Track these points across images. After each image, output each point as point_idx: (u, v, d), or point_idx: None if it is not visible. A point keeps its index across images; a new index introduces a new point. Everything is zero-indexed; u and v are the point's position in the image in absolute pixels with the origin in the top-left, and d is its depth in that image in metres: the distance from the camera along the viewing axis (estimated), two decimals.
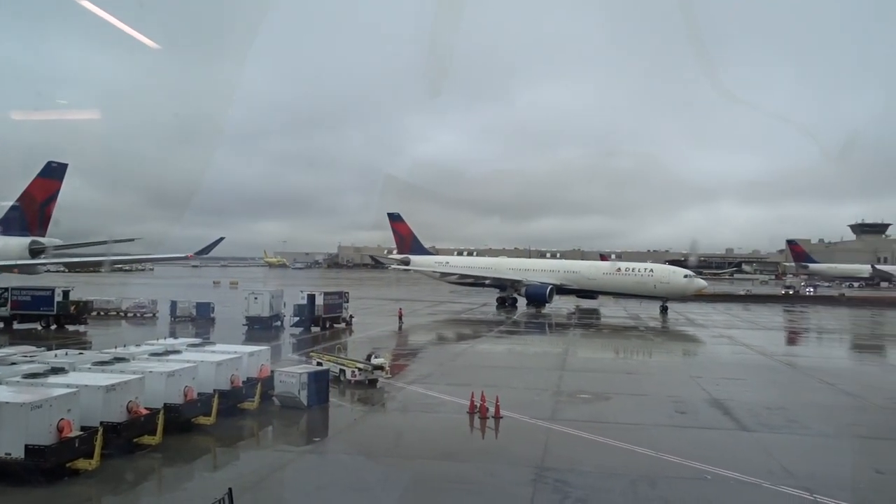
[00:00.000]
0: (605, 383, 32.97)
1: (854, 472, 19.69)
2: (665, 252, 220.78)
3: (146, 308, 61.46)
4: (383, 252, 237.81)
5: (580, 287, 75.27)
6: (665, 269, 71.98)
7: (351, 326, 54.57)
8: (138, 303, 62.61)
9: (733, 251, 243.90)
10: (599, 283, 73.77)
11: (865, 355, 49.60)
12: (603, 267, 78.34)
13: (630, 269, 72.47)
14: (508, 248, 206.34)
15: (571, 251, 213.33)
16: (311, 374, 26.45)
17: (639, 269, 71.56)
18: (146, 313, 60.75)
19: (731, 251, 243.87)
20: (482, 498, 17.20)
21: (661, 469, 19.39)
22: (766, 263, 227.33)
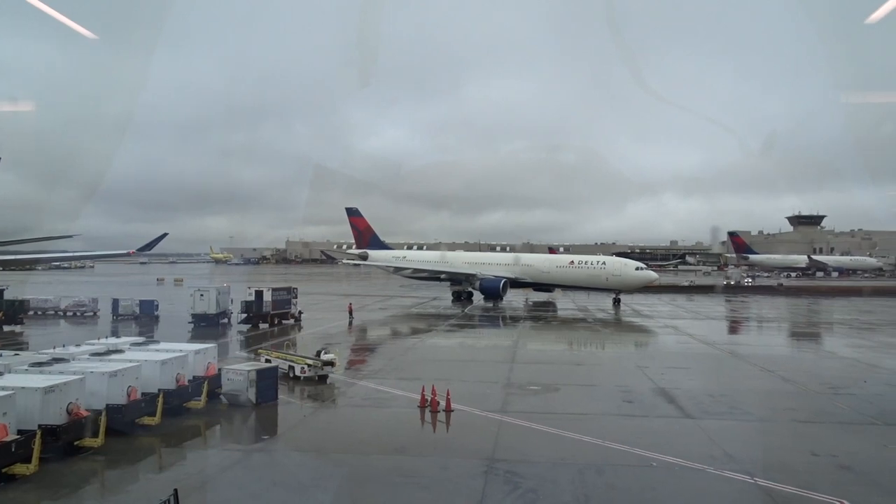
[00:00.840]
0: (554, 375, 33.40)
1: (792, 456, 20.44)
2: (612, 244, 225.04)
3: (86, 307, 59.71)
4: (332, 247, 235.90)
5: (535, 280, 75.99)
6: (617, 262, 72.91)
7: (300, 322, 54.04)
8: (78, 301, 60.79)
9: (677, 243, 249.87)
10: (553, 276, 74.49)
11: (802, 343, 51.43)
12: (557, 260, 79.13)
13: (583, 262, 73.26)
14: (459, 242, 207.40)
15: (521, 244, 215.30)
16: (260, 371, 26.14)
17: (591, 262, 72.48)
18: (86, 312, 59.02)
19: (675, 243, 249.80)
20: (434, 492, 17.26)
21: (608, 457, 19.79)
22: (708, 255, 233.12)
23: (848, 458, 20.09)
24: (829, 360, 41.03)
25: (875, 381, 32.39)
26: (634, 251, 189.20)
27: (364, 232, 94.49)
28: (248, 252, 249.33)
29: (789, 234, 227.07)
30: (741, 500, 16.83)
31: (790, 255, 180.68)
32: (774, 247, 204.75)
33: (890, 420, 24.69)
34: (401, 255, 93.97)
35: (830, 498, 16.53)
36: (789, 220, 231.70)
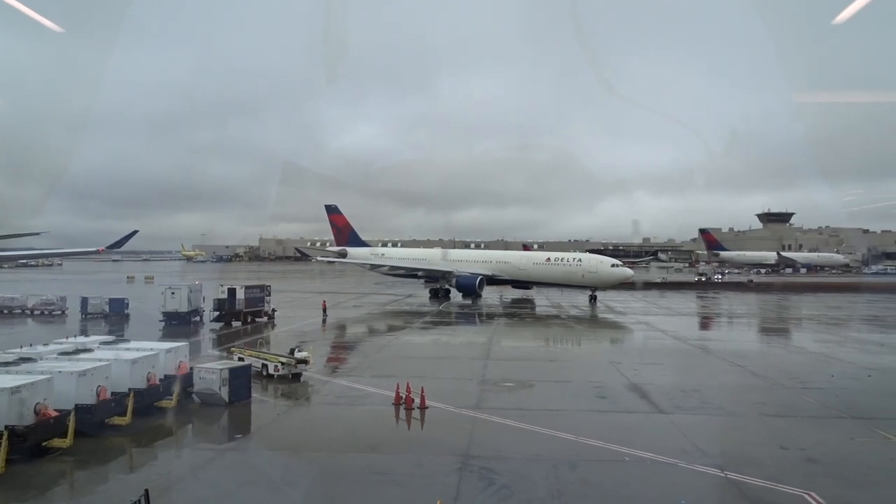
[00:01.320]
0: (528, 371, 33.54)
1: (761, 449, 20.75)
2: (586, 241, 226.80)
3: (54, 305, 58.63)
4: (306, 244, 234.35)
5: (512, 277, 76.16)
6: (593, 259, 73.35)
7: (273, 320, 53.63)
8: (45, 300, 59.66)
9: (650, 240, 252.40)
10: (530, 273, 74.69)
11: (772, 338, 52.26)
12: (533, 257, 79.18)
13: (559, 259, 73.43)
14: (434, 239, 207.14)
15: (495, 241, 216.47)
16: (232, 369, 25.91)
17: (568, 259, 72.66)
18: (54, 311, 57.98)
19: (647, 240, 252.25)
20: (408, 489, 17.24)
21: (582, 453, 19.95)
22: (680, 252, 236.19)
23: (815, 451, 20.47)
24: (797, 355, 41.74)
25: (842, 375, 33.00)
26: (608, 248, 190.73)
27: (343, 229, 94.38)
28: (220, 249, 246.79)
29: (759, 231, 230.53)
30: (712, 494, 17.06)
31: (760, 252, 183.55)
32: (744, 243, 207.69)
33: (856, 413, 25.18)
34: (379, 252, 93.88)
35: (798, 490, 16.83)
36: (759, 218, 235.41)
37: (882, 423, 23.72)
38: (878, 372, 34.09)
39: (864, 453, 20.47)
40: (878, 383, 31.43)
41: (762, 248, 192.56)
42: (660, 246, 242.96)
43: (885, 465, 19.42)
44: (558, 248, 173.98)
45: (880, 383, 31.48)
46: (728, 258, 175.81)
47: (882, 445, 21.24)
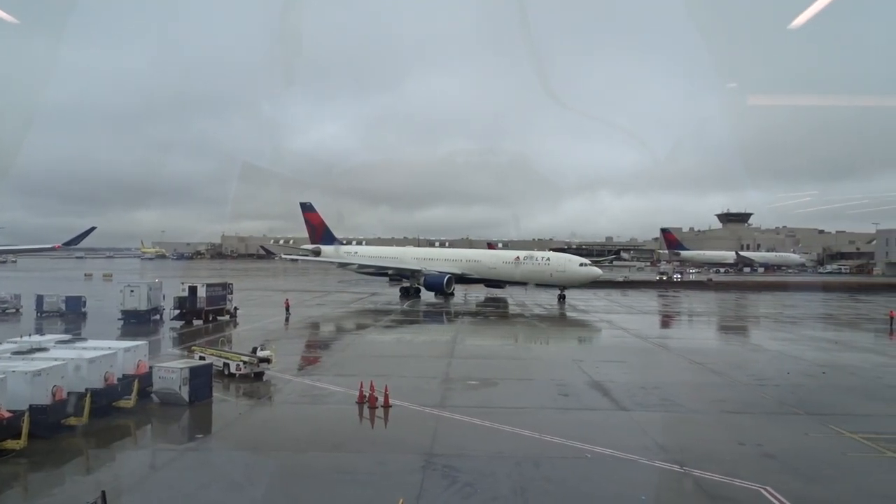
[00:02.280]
0: (492, 369, 33.69)
1: (719, 445, 21.17)
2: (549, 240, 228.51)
3: (8, 303, 57.04)
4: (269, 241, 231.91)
5: (481, 276, 76.03)
6: (561, 258, 73.40)
7: (236, 319, 53.01)
8: None
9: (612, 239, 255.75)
10: (499, 272, 74.58)
11: (730, 336, 53.26)
12: (503, 256, 78.95)
13: (528, 257, 73.35)
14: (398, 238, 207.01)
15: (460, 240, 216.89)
16: (193, 368, 25.54)
17: (537, 258, 72.63)
18: (8, 309, 56.41)
19: (610, 239, 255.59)
20: (372, 488, 17.18)
21: (544, 450, 20.10)
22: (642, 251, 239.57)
23: (772, 446, 20.92)
24: (755, 353, 42.62)
25: (797, 372, 33.81)
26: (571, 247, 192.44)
27: (318, 227, 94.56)
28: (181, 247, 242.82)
29: (718, 231, 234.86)
30: (671, 489, 17.32)
31: (719, 252, 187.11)
32: (705, 243, 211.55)
33: (811, 409, 25.81)
34: (352, 250, 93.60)
35: (755, 485, 17.19)
36: (719, 218, 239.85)
37: (835, 418, 24.35)
38: (831, 369, 34.98)
39: (819, 448, 21.01)
40: (831, 380, 32.25)
41: (721, 248, 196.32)
42: (622, 245, 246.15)
43: (837, 459, 19.94)
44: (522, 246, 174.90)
45: (834, 380, 32.30)
46: (688, 257, 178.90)
47: (835, 440, 21.80)
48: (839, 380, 32.48)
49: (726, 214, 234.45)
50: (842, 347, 44.26)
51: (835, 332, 53.13)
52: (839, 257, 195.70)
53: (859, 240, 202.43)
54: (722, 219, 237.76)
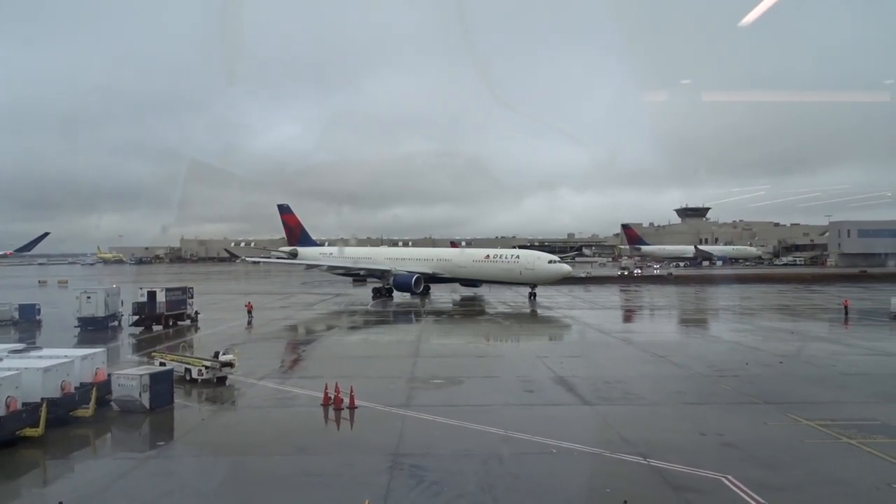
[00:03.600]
0: (457, 368, 33.77)
1: (681, 436, 21.54)
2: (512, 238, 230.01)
3: None
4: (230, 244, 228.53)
5: (452, 275, 75.42)
6: (530, 255, 72.74)
7: (197, 323, 52.21)
8: None
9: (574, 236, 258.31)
10: (470, 270, 73.99)
11: (690, 329, 54.20)
12: (473, 254, 78.30)
13: (498, 255, 72.99)
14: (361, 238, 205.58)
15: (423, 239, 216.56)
16: (153, 374, 25.09)
17: (506, 256, 72.16)
18: None
19: (572, 236, 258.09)
20: (338, 490, 17.09)
21: (510, 446, 20.22)
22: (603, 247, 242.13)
23: (732, 436, 21.36)
24: (714, 345, 43.44)
25: (755, 363, 34.52)
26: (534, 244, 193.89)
27: (294, 229, 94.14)
28: (139, 251, 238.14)
29: (678, 226, 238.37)
30: (634, 481, 17.55)
31: (679, 246, 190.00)
32: (664, 238, 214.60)
33: (769, 399, 26.40)
34: (328, 251, 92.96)
35: (716, 474, 17.54)
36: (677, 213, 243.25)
37: (792, 406, 24.96)
38: (788, 358, 35.82)
39: (777, 436, 21.50)
40: (788, 369, 33.03)
41: (681, 242, 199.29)
42: (584, 241, 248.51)
43: (795, 446, 20.43)
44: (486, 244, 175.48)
45: (790, 369, 33.09)
46: (649, 252, 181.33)
47: (793, 428, 22.34)
48: (796, 369, 33.28)
49: (685, 209, 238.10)
50: (798, 337, 45.34)
51: (791, 323, 54.40)
52: (794, 249, 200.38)
53: (813, 232, 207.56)
54: (681, 214, 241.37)
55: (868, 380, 30.66)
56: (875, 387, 29.21)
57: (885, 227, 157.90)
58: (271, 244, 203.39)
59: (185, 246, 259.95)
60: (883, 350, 39.72)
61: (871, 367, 34.04)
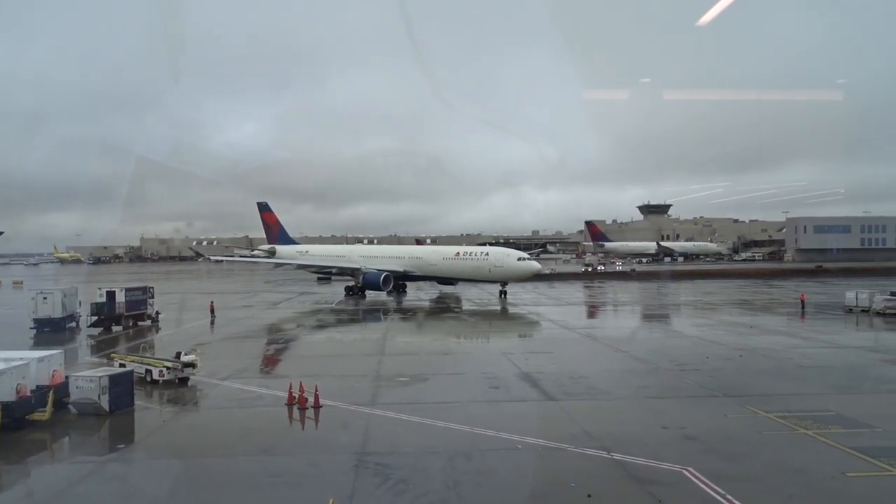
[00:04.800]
0: (423, 365, 33.79)
1: (644, 430, 21.82)
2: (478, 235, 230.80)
3: None
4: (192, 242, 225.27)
5: (424, 273, 74.76)
6: (499, 253, 71.54)
7: (158, 324, 51.34)
8: None
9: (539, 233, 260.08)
10: (441, 268, 73.33)
11: (653, 324, 54.99)
12: (444, 252, 77.24)
13: (468, 253, 72.40)
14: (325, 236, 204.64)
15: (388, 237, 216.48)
16: (113, 376, 24.59)
17: (476, 254, 71.40)
18: None
19: (536, 233, 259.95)
20: (303, 489, 16.96)
21: (476, 443, 20.29)
22: (567, 243, 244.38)
23: (693, 429, 21.73)
24: (676, 339, 44.13)
25: (716, 356, 35.18)
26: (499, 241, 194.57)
27: (273, 227, 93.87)
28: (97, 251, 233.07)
29: (640, 223, 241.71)
30: (598, 475, 17.74)
31: (641, 242, 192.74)
32: (627, 234, 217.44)
33: (729, 392, 26.92)
34: (303, 249, 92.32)
35: (678, 466, 17.83)
36: (640, 210, 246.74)
37: (751, 399, 25.48)
38: (747, 352, 36.56)
39: (736, 428, 21.93)
40: (747, 363, 33.72)
41: (643, 239, 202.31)
42: (548, 238, 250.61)
43: (753, 437, 20.86)
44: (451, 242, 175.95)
45: (749, 362, 33.78)
46: (612, 249, 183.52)
47: (751, 420, 22.81)
48: (755, 362, 33.98)
49: (647, 206, 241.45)
50: (757, 331, 46.27)
51: (750, 317, 55.54)
52: (753, 245, 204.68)
53: (771, 228, 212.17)
54: (643, 210, 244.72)
55: (823, 372, 31.48)
56: (830, 379, 30.02)
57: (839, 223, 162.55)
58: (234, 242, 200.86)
59: (146, 245, 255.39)
60: (837, 343, 40.78)
61: (827, 359, 34.91)
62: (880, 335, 44.93)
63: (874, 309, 54.17)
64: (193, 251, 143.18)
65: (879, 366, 33.05)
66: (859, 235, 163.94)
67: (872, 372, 31.64)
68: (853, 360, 34.48)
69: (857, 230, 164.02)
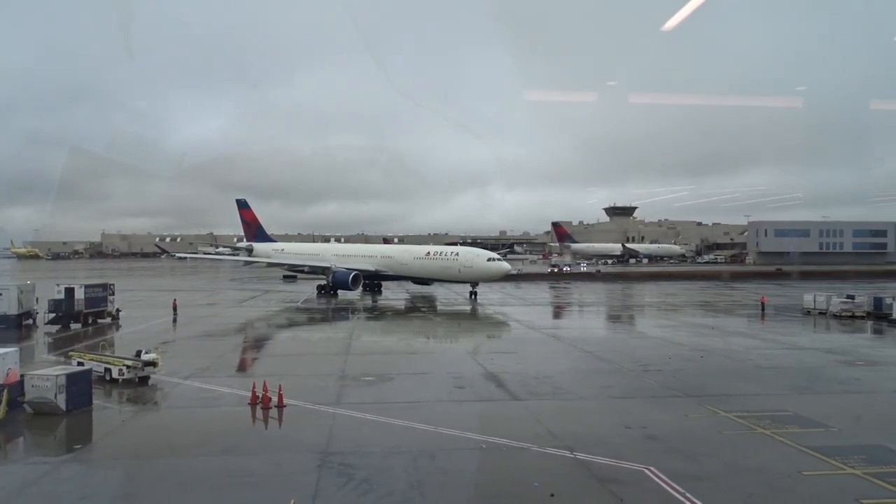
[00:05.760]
0: (388, 365, 33.69)
1: (607, 430, 22.06)
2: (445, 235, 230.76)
3: None
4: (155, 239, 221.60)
5: (395, 272, 74.10)
6: (469, 253, 70.78)
7: (118, 321, 50.35)
8: None
9: (506, 233, 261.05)
10: (411, 268, 72.75)
11: (617, 324, 55.63)
12: (415, 251, 76.81)
13: (438, 253, 71.66)
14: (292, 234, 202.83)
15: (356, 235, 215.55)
16: (70, 375, 24.02)
17: (446, 254, 70.47)
18: None
19: (504, 233, 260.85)
20: (266, 490, 16.77)
21: (440, 443, 20.30)
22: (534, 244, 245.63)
23: (655, 428, 22.00)
24: (639, 340, 44.68)
25: (678, 357, 35.69)
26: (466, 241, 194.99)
27: (251, 224, 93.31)
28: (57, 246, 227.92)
29: (606, 224, 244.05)
30: (561, 474, 17.87)
31: (607, 244, 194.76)
32: (593, 236, 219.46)
33: (690, 392, 27.34)
34: (279, 247, 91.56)
35: (639, 466, 18.05)
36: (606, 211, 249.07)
37: (712, 399, 25.91)
38: (708, 353, 37.19)
39: (697, 428, 22.28)
40: (708, 363, 34.29)
41: (609, 240, 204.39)
42: (516, 239, 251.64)
43: (713, 437, 21.22)
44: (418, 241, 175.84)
45: (710, 363, 34.35)
46: (578, 250, 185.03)
47: (711, 419, 23.19)
48: (715, 363, 34.56)
49: (613, 208, 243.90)
50: (718, 332, 47.09)
51: (712, 319, 56.48)
52: (715, 248, 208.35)
53: (733, 231, 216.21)
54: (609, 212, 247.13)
55: (781, 373, 32.14)
56: (788, 379, 30.67)
57: (799, 227, 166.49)
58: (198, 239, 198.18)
59: (107, 241, 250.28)
60: (795, 344, 41.69)
61: (785, 360, 35.66)
62: (836, 337, 46.02)
63: (831, 311, 55.56)
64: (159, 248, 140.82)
65: (835, 367, 33.84)
66: (818, 239, 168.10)
67: (828, 373, 32.39)
68: (810, 361, 35.28)
69: (815, 234, 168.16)
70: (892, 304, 53.17)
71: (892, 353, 38.86)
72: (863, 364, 34.41)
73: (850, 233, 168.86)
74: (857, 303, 55.55)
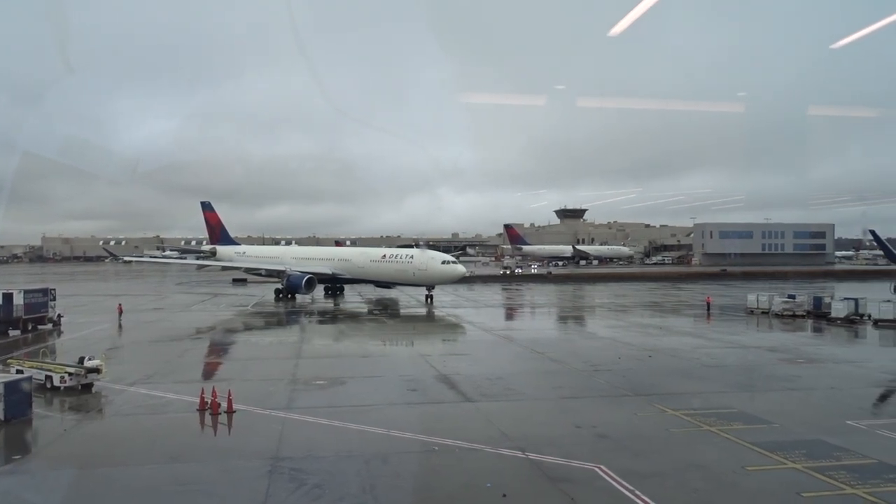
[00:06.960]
0: (340, 368, 33.46)
1: (558, 430, 22.31)
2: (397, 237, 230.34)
3: None
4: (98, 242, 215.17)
5: (352, 276, 73.36)
6: (424, 256, 69.59)
7: (60, 327, 48.82)
8: None
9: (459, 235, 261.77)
10: (367, 271, 71.90)
11: (568, 325, 56.32)
12: (371, 254, 76.13)
13: (394, 255, 71.11)
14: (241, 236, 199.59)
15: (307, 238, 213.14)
16: (8, 383, 23.23)
17: (401, 257, 69.84)
18: None
19: (456, 235, 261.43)
20: (215, 498, 16.49)
21: (393, 446, 20.25)
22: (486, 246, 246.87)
23: (605, 428, 22.35)
24: (590, 341, 45.33)
25: (627, 357, 36.33)
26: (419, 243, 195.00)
27: (216, 227, 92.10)
28: None
29: (557, 227, 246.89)
30: (513, 474, 18.01)
31: (558, 246, 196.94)
32: (544, 238, 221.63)
33: (639, 391, 27.85)
34: (241, 250, 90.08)
35: (590, 464, 18.32)
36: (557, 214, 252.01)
37: (660, 398, 26.45)
38: (656, 353, 37.95)
39: (646, 426, 22.71)
40: (656, 363, 34.98)
41: (560, 242, 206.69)
42: (468, 241, 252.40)
43: (661, 434, 21.66)
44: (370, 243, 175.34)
45: (659, 363, 35.06)
46: (530, 252, 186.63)
47: (660, 418, 23.66)
48: (663, 362, 35.28)
49: (563, 210, 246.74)
50: (666, 332, 48.07)
51: (660, 319, 57.64)
52: (663, 249, 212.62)
53: (680, 233, 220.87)
54: (559, 214, 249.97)
55: (726, 371, 33.02)
56: (732, 377, 31.53)
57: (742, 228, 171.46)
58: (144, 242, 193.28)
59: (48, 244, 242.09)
60: (739, 343, 42.87)
61: (729, 358, 36.64)
62: (778, 335, 47.44)
63: (773, 311, 57.33)
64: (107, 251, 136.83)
65: (777, 364, 34.89)
66: (760, 241, 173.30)
67: (771, 370, 33.39)
68: (753, 360, 36.34)
69: (758, 236, 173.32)
70: (831, 303, 55.31)
71: (831, 350, 40.23)
72: (803, 362, 35.56)
73: (790, 234, 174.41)
74: (798, 302, 57.51)
